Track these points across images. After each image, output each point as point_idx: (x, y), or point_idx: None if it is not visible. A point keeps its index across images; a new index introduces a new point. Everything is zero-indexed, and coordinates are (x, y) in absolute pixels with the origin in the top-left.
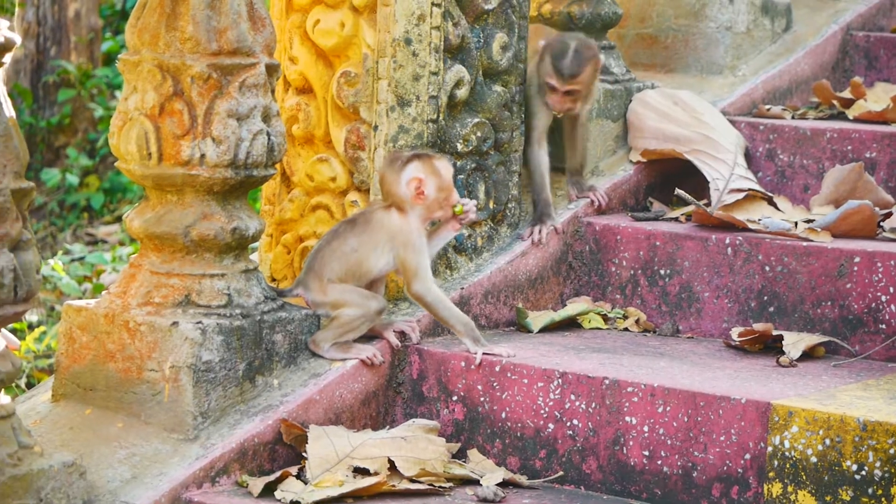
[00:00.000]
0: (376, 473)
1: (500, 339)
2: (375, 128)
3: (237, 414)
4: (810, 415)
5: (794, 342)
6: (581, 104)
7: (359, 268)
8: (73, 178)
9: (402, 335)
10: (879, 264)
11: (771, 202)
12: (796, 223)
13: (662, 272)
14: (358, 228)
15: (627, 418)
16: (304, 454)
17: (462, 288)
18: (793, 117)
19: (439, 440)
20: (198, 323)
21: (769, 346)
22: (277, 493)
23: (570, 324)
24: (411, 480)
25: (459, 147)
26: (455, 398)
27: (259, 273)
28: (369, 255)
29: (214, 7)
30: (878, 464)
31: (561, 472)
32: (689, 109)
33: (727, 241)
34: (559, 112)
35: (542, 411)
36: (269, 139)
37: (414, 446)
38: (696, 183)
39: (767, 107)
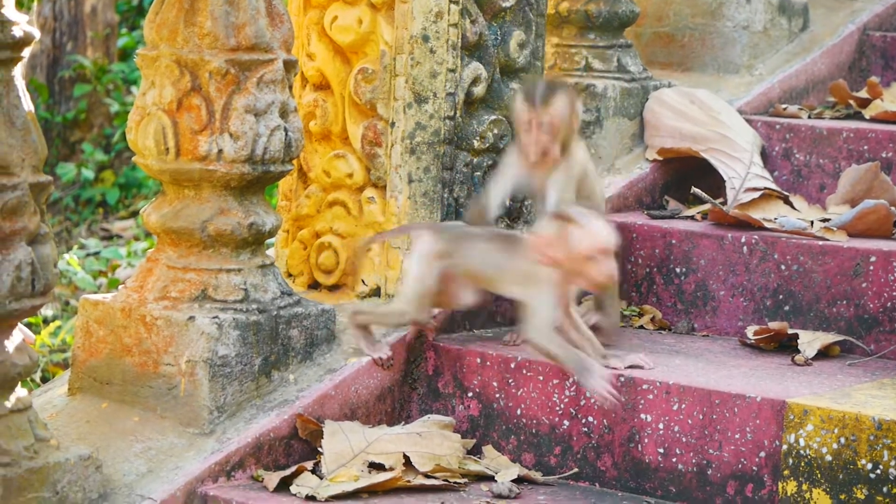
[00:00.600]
0: (391, 469)
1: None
2: (392, 124)
3: (253, 409)
4: (825, 413)
5: (810, 341)
6: (559, 149)
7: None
8: (88, 173)
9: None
10: (895, 264)
11: (787, 201)
12: (812, 222)
13: (678, 270)
14: (515, 250)
15: (642, 416)
16: (319, 449)
17: None
18: (809, 117)
19: (454, 436)
20: (214, 317)
21: (784, 345)
22: (293, 488)
23: None
24: (426, 476)
25: (476, 144)
26: (470, 394)
27: (275, 268)
28: (504, 286)
29: (233, 3)
30: (893, 462)
31: (576, 469)
32: (706, 108)
33: (743, 239)
34: (534, 157)
35: (558, 408)
36: (286, 135)
37: (429, 442)
38: (713, 182)
39: (784, 106)
